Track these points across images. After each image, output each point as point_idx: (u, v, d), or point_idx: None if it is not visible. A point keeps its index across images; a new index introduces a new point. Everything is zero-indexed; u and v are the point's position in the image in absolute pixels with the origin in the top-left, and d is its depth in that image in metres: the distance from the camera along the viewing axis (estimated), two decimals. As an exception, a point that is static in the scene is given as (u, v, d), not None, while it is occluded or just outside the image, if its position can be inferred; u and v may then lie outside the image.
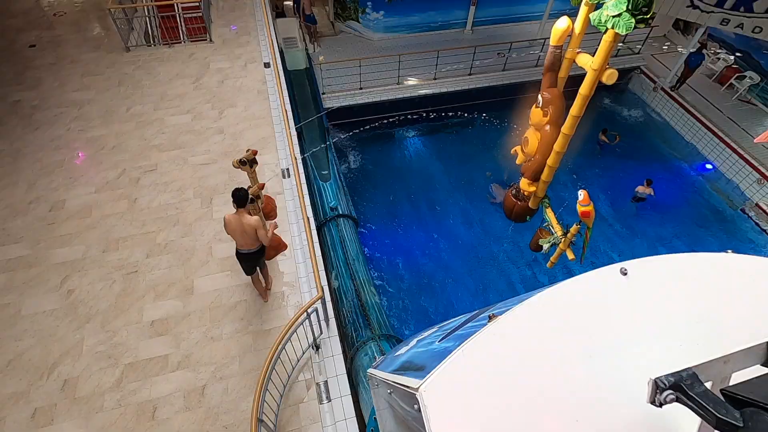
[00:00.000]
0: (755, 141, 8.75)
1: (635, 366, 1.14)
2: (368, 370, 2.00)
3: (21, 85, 8.71)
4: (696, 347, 1.18)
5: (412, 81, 12.62)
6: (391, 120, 12.53)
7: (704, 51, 12.66)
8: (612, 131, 12.05)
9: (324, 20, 15.49)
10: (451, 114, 12.85)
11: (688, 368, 0.90)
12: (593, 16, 3.17)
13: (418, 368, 1.28)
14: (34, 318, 5.33)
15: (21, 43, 9.93)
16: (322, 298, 4.99)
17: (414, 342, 1.78)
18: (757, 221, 10.57)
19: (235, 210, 4.82)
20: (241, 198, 4.77)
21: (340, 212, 8.49)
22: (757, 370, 0.93)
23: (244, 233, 4.86)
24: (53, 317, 5.35)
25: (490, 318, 1.30)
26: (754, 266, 1.38)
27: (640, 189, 10.62)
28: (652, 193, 10.43)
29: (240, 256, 5.13)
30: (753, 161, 10.84)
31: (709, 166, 11.87)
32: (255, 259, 5.18)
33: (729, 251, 1.43)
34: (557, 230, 4.50)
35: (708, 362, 0.94)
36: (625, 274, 1.33)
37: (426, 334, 1.86)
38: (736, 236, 10.54)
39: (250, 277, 5.41)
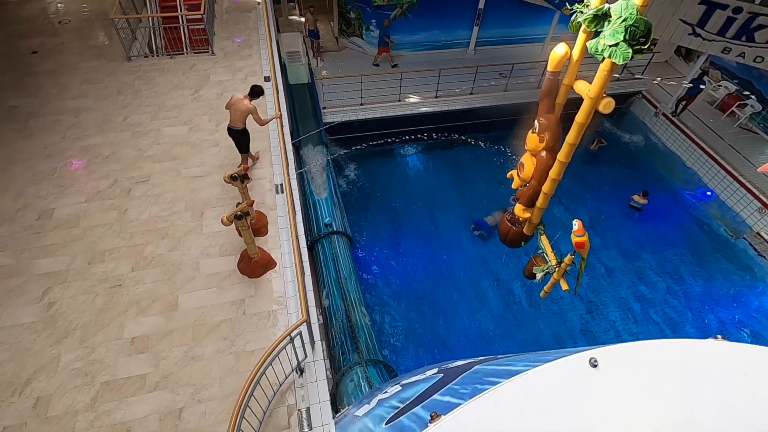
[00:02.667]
0: (759, 170, 8.66)
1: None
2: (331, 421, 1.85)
3: (20, 91, 8.69)
4: None
5: (413, 98, 12.63)
6: (390, 137, 12.50)
7: (705, 78, 12.69)
8: (596, 139, 12.69)
9: (328, 36, 15.62)
10: (451, 133, 12.83)
11: None
12: (590, 44, 3.09)
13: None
14: (11, 330, 5.17)
15: (24, 49, 9.96)
16: (307, 322, 4.82)
17: (374, 403, 1.64)
18: (759, 250, 10.42)
19: (244, 95, 6.58)
20: (254, 92, 6.56)
21: (335, 229, 8.37)
22: None
23: (236, 111, 6.52)
24: (31, 330, 5.18)
25: (432, 417, 1.13)
26: (745, 356, 1.16)
27: (635, 197, 10.98)
28: (647, 203, 10.89)
29: (228, 130, 6.83)
30: (754, 190, 10.74)
31: (709, 193, 11.77)
32: (235, 136, 6.84)
33: (719, 337, 1.25)
34: (551, 259, 4.36)
35: None
36: (596, 365, 1.13)
37: (388, 393, 1.71)
38: (737, 265, 10.38)
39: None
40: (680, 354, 1.13)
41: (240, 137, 6.86)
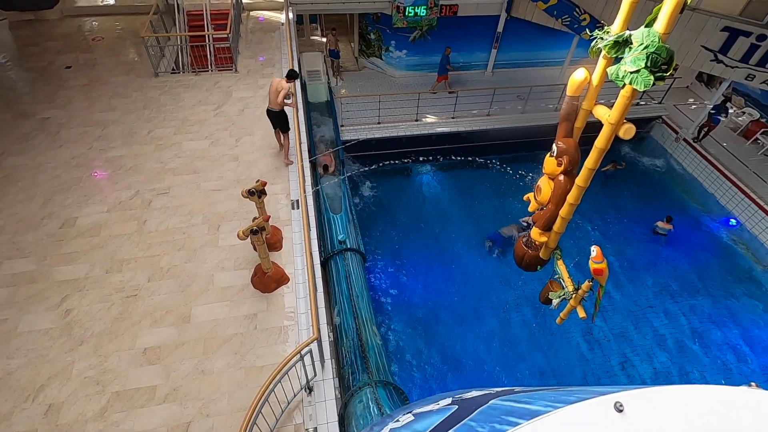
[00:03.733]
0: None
1: None
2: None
3: (52, 103, 9.06)
4: None
5: (430, 118, 12.73)
6: (407, 156, 12.57)
7: (728, 104, 12.50)
8: (613, 161, 12.49)
9: (348, 56, 15.97)
10: (467, 154, 12.84)
11: None
12: (611, 70, 3.07)
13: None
14: (29, 336, 5.27)
15: (58, 64, 10.41)
16: (318, 339, 4.79)
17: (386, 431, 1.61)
18: (786, 282, 10.03)
19: (282, 78, 7.11)
20: (290, 75, 7.04)
21: (348, 246, 8.36)
22: None
23: (273, 92, 7.02)
24: (48, 337, 5.27)
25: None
26: None
27: (660, 224, 10.72)
28: (672, 228, 10.59)
29: (267, 112, 7.33)
30: (781, 219, 10.41)
31: (732, 222, 11.44)
32: (273, 117, 7.34)
33: (753, 384, 1.18)
34: (568, 285, 4.26)
35: None
36: (621, 410, 1.07)
37: (400, 422, 1.67)
38: (763, 297, 9.98)
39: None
40: (711, 402, 1.05)
41: (278, 118, 7.32)
